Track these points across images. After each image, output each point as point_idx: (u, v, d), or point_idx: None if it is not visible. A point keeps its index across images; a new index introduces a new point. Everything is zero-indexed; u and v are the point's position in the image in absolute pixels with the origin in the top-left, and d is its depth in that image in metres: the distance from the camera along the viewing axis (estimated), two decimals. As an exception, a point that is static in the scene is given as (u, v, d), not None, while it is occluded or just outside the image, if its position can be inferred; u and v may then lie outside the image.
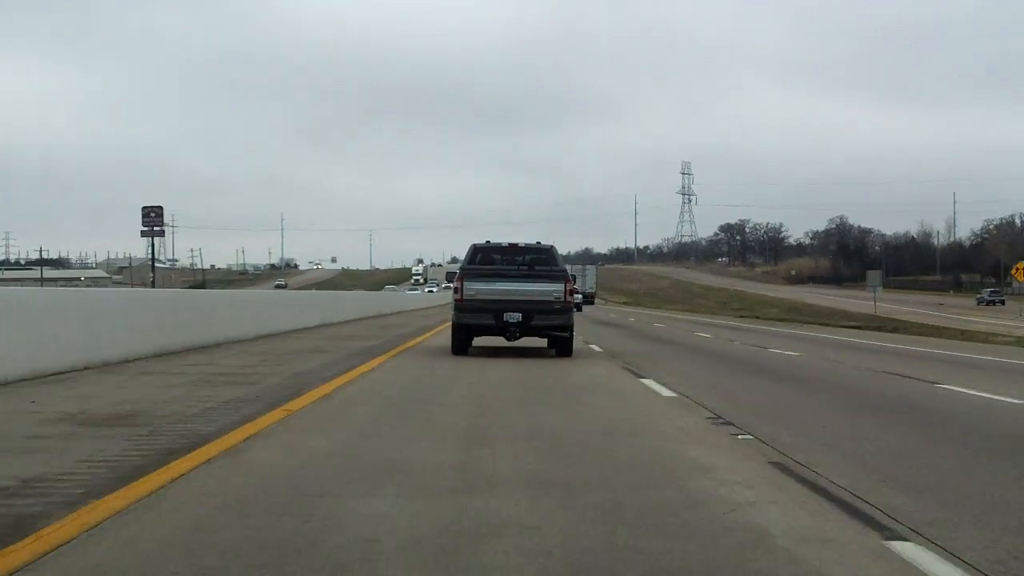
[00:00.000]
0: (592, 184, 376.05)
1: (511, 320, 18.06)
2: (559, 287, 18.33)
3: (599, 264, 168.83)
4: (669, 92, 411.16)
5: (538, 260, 19.11)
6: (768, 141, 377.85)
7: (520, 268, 18.88)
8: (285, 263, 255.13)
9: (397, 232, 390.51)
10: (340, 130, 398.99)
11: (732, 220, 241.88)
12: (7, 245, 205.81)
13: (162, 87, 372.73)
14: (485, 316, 18.16)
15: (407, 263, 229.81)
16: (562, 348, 18.81)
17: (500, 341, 19.26)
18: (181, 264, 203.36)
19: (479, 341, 19.49)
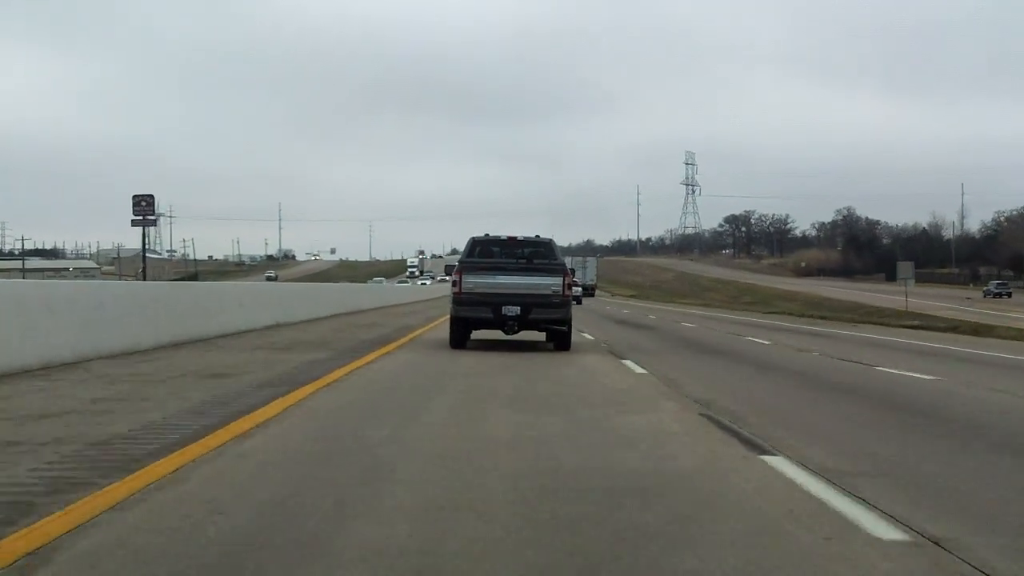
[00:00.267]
0: (594, 176, 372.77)
1: (509, 313, 17.96)
2: (558, 280, 18.17)
3: (599, 256, 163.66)
4: (670, 84, 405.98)
5: (537, 253, 19.09)
6: (770, 133, 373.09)
7: (519, 261, 18.87)
8: (283, 254, 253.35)
9: (398, 223, 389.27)
10: (341, 122, 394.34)
11: (737, 211, 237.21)
12: (3, 235, 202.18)
13: (161, 80, 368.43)
14: (483, 309, 18.08)
15: (408, 255, 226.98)
16: (560, 342, 18.64)
17: (498, 334, 18.82)
18: (181, 255, 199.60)
19: (476, 335, 19.14)
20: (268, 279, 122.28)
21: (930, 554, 4.62)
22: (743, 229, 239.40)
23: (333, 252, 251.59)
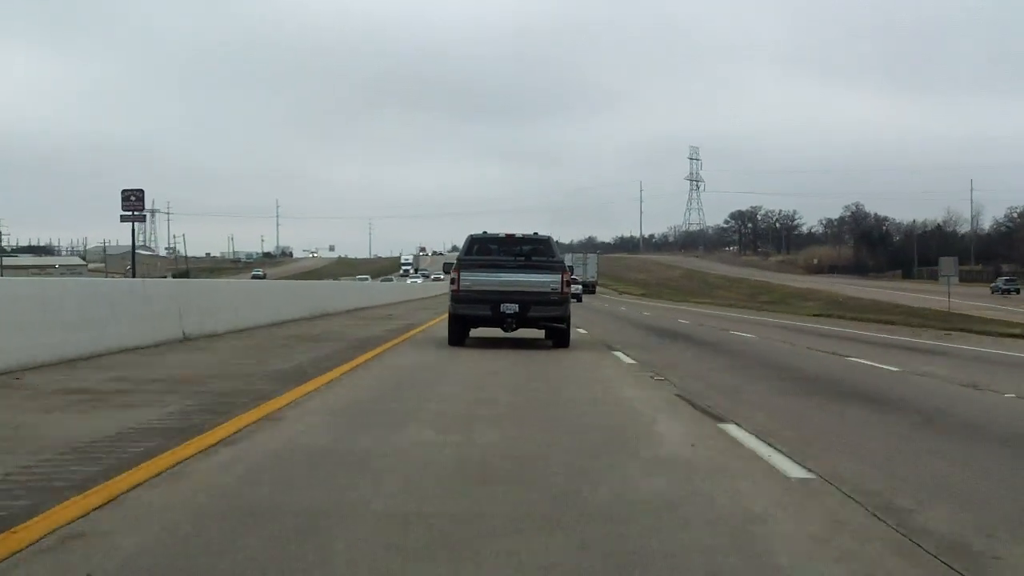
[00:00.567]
0: (595, 173, 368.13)
1: (508, 311, 18.17)
2: (556, 278, 18.38)
3: (599, 253, 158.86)
4: (671, 82, 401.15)
5: (535, 251, 19.18)
6: (773, 131, 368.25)
7: (517, 259, 18.92)
8: (281, 251, 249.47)
9: (399, 221, 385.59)
10: (341, 119, 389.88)
11: (743, 207, 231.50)
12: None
13: (161, 79, 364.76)
14: (482, 307, 18.29)
15: (409, 252, 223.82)
16: (559, 339, 18.84)
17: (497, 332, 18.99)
18: (181, 252, 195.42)
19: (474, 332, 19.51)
20: (255, 277, 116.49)
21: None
22: (749, 225, 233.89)
23: (332, 249, 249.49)
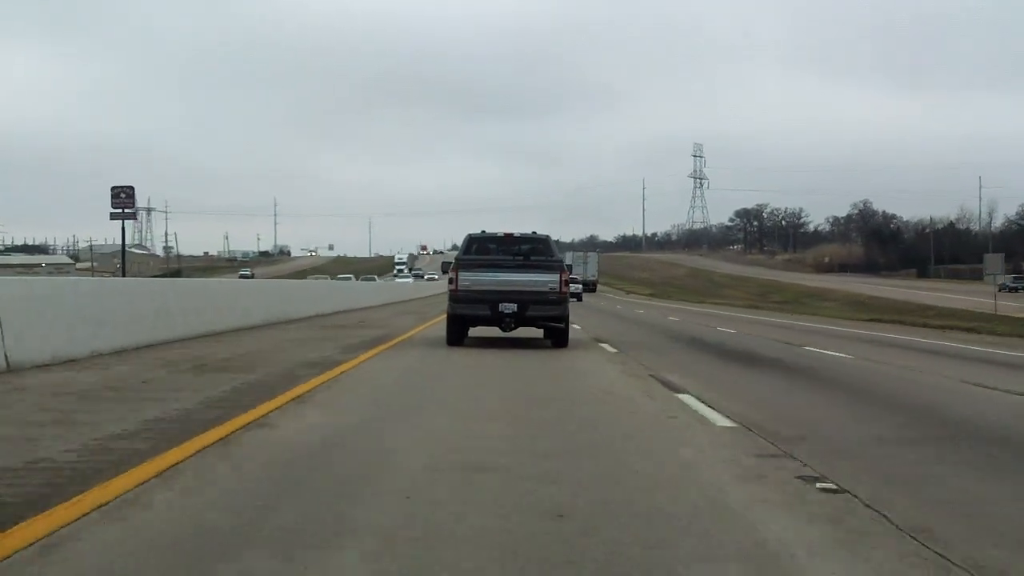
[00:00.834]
0: (596, 172, 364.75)
1: (506, 311, 18.31)
2: (554, 277, 18.52)
3: (600, 251, 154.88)
4: (672, 81, 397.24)
5: (534, 250, 19.28)
6: (776, 130, 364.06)
7: (515, 258, 19.00)
8: (279, 250, 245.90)
9: (399, 219, 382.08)
10: (341, 118, 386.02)
11: (748, 206, 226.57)
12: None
13: (161, 78, 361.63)
14: (480, 307, 18.44)
15: (409, 250, 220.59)
16: (558, 339, 19.00)
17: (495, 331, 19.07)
18: (181, 251, 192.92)
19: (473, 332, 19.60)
20: (243, 276, 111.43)
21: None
22: (755, 224, 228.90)
23: (331, 248, 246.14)
